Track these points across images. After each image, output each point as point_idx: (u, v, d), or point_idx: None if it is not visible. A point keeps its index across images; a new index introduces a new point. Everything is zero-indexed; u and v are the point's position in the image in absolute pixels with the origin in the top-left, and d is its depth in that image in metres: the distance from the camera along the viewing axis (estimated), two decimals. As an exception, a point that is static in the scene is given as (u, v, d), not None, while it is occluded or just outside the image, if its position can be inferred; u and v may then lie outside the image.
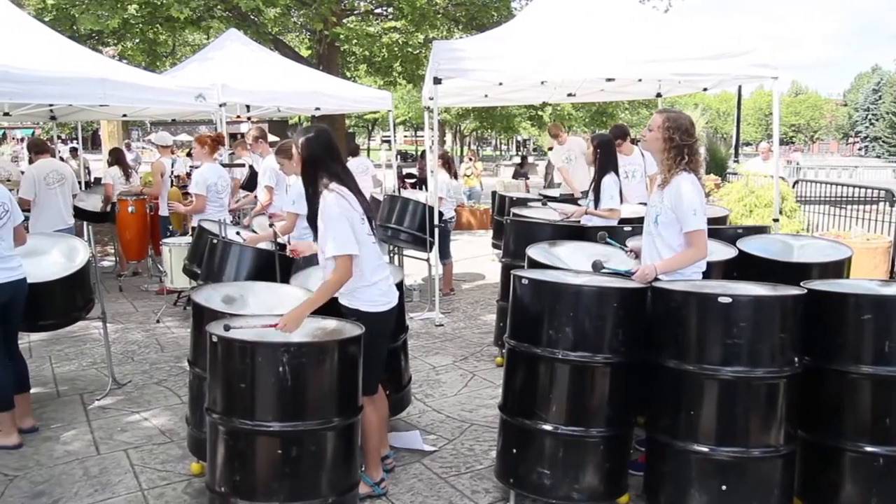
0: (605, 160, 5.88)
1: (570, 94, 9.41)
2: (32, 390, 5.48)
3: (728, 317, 3.34)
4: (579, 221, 6.11)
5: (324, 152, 3.67)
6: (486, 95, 9.77)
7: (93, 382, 5.79)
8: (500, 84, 8.60)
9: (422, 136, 58.41)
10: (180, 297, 8.07)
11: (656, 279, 3.75)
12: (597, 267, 3.66)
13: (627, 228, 5.58)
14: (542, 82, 8.63)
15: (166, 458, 4.43)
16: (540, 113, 23.91)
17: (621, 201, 6.08)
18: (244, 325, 3.32)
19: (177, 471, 4.26)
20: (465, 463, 4.34)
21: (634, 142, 7.87)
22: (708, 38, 7.25)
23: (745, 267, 4.68)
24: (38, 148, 8.35)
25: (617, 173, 6.03)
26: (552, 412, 3.59)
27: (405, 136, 53.89)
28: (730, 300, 3.35)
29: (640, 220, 6.45)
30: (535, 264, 4.62)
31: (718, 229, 5.46)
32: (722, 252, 4.73)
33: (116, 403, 5.34)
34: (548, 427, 3.58)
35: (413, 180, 18.65)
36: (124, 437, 4.75)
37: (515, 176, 18.67)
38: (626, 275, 3.83)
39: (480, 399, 5.35)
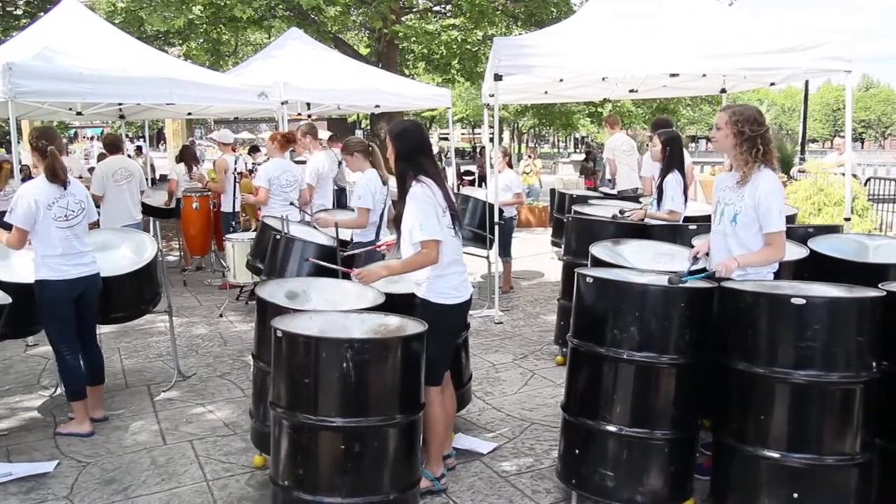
0: (672, 158, 5.73)
1: (631, 91, 9.25)
2: (103, 381, 5.66)
3: (801, 319, 3.23)
4: (643, 219, 5.99)
5: (417, 147, 3.75)
6: (545, 92, 9.68)
7: (159, 374, 5.93)
8: (561, 80, 8.51)
9: (479, 134, 58.37)
10: (242, 291, 8.22)
11: (723, 279, 3.65)
12: (674, 282, 3.56)
13: (693, 227, 5.45)
14: (603, 78, 8.50)
15: (229, 450, 4.51)
16: (599, 110, 23.64)
17: (685, 201, 5.94)
18: (309, 321, 3.36)
19: (240, 463, 4.33)
20: (526, 462, 4.30)
21: None
22: (777, 31, 7.04)
23: (816, 267, 4.53)
24: (112, 146, 8.59)
25: (682, 172, 5.89)
26: (616, 413, 3.53)
27: (462, 134, 53.88)
28: (803, 301, 3.23)
29: (705, 218, 6.33)
30: (598, 263, 4.55)
31: (788, 228, 5.28)
32: (792, 252, 4.58)
33: (181, 395, 5.46)
34: (611, 428, 3.51)
35: (471, 177, 18.60)
36: (189, 429, 4.84)
37: (583, 172, 18.40)
38: (708, 276, 3.73)
39: (541, 398, 5.30)
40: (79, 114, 9.63)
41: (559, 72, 7.43)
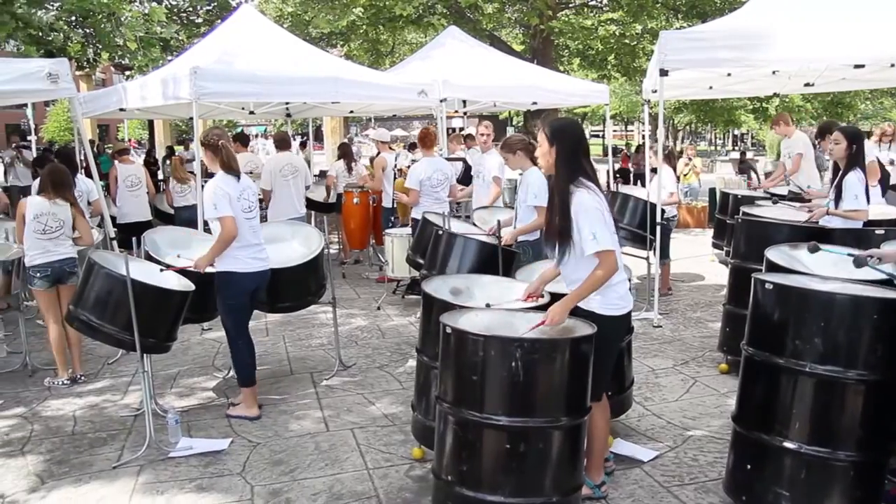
0: (856, 155, 5.32)
1: (807, 84, 8.66)
2: (269, 367, 5.98)
3: None
4: (817, 223, 5.60)
5: (577, 146, 3.56)
6: (710, 87, 9.25)
7: (321, 363, 6.17)
8: (729, 75, 8.10)
9: (631, 131, 56.91)
10: (399, 285, 8.41)
11: None
12: (860, 263, 3.24)
13: (880, 231, 5.03)
14: (774, 72, 8.01)
15: (389, 441, 4.61)
16: (765, 105, 22.40)
17: (868, 201, 5.49)
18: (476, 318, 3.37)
19: (399, 454, 4.41)
20: (689, 473, 4.12)
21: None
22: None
23: None
24: (281, 143, 9.05)
25: (864, 170, 5.45)
26: (794, 429, 3.30)
27: (614, 131, 52.78)
28: None
29: (892, 222, 5.83)
30: (774, 268, 4.28)
31: None
32: None
33: (342, 385, 5.65)
34: (789, 445, 3.29)
35: (626, 176, 18.16)
36: (350, 417, 5.00)
37: (740, 172, 17.55)
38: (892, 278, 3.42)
39: (704, 407, 5.07)
40: (251, 113, 10.22)
41: (733, 65, 7.04)
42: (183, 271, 4.89)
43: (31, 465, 4.38)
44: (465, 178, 8.87)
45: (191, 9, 18.02)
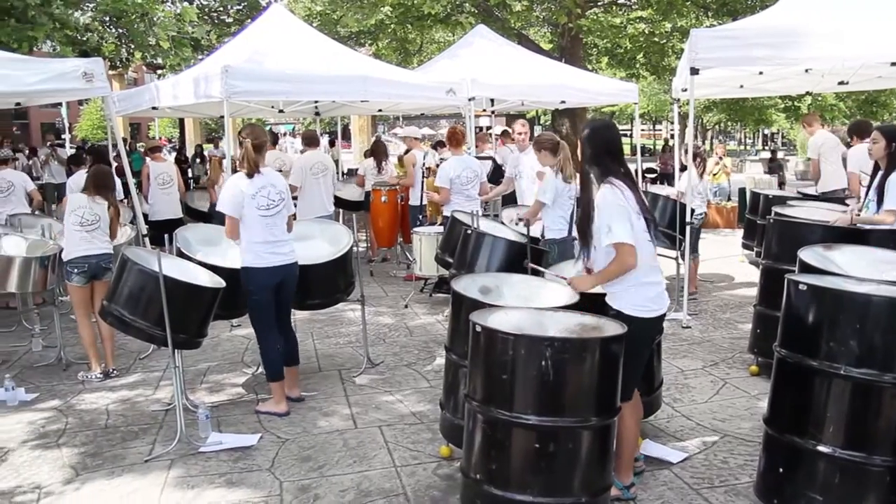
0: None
1: (841, 83, 8.53)
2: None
3: None
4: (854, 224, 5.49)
5: (604, 147, 3.60)
6: (741, 86, 9.14)
7: (349, 360, 6.20)
8: (760, 73, 8.01)
9: (659, 130, 56.43)
10: (427, 283, 8.42)
11: None
12: None
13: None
14: (807, 70, 7.91)
15: (417, 438, 4.62)
16: (797, 104, 22.10)
17: None
18: (505, 317, 3.37)
19: (426, 452, 4.42)
20: (719, 476, 4.08)
21: None
22: None
23: None
24: (309, 141, 9.10)
25: None
26: (828, 432, 3.26)
27: (642, 130, 52.41)
28: None
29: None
30: (807, 269, 4.22)
31: None
32: None
33: (371, 382, 5.67)
34: (823, 448, 3.25)
35: (653, 175, 18.04)
36: (378, 415, 5.02)
37: (769, 172, 17.37)
38: None
39: (734, 409, 5.01)
40: (280, 111, 10.29)
41: (765, 63, 6.96)
42: (213, 268, 4.95)
43: (66, 457, 4.46)
44: (494, 176, 8.85)
45: (221, 8, 18.21)
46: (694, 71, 6.62)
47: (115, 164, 8.71)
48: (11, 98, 7.41)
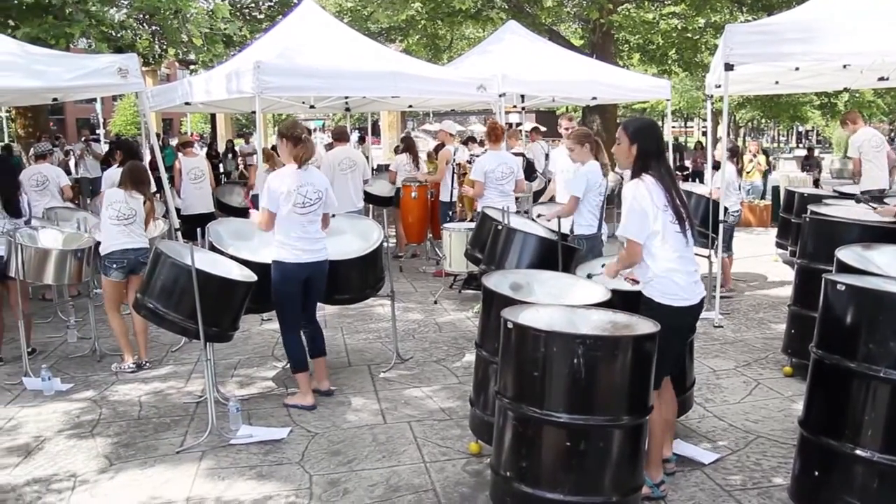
0: None
1: (881, 79, 8.34)
2: (328, 357, 6.02)
3: None
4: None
5: (651, 147, 3.66)
6: (776, 82, 9.01)
7: (378, 355, 6.21)
8: (797, 69, 7.87)
9: (691, 127, 55.83)
10: (456, 280, 8.41)
11: None
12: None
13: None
14: (845, 66, 7.75)
15: (446, 435, 4.61)
16: (833, 100, 21.71)
17: None
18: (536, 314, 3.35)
19: (456, 448, 4.41)
20: (752, 478, 4.02)
21: None
22: None
23: None
24: (339, 136, 9.14)
25: None
26: (867, 436, 3.19)
27: (673, 127, 51.91)
28: None
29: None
30: (845, 269, 4.14)
31: None
32: None
33: (400, 377, 5.68)
34: (861, 453, 3.18)
35: (686, 172, 17.84)
36: (408, 410, 5.02)
37: (804, 169, 17.08)
38: None
39: (767, 410, 4.94)
40: (311, 107, 10.32)
41: (802, 59, 6.83)
42: (245, 262, 4.99)
43: (99, 447, 4.52)
44: (525, 173, 8.81)
45: (253, 4, 18.34)
46: (728, 67, 6.53)
47: (148, 158, 8.84)
48: (49, 93, 7.53)
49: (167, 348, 6.43)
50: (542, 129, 13.47)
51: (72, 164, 15.65)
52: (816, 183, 15.54)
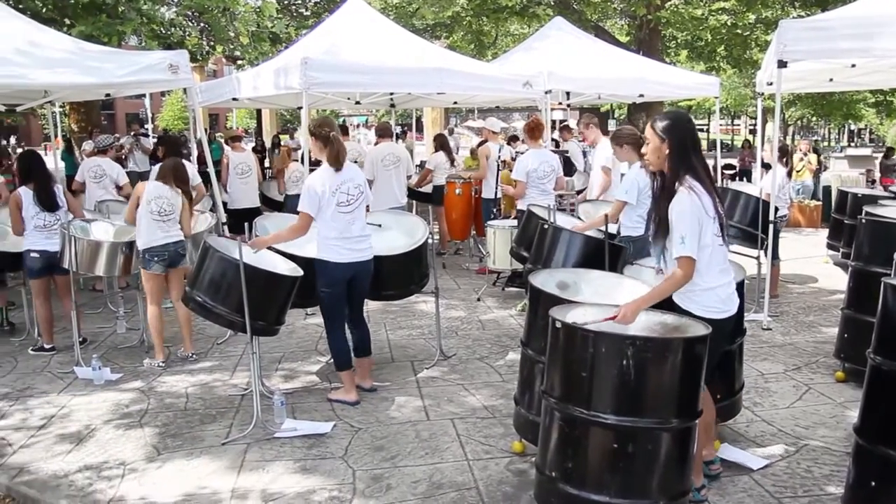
0: None
1: (940, 76, 8.10)
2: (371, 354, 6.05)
3: None
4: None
5: (689, 142, 3.43)
6: (831, 79, 8.77)
7: (421, 352, 6.22)
8: (853, 66, 7.66)
9: (738, 125, 54.86)
10: (499, 277, 8.37)
11: None
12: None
13: None
14: (903, 63, 7.52)
15: (489, 433, 4.59)
16: (889, 98, 21.12)
17: None
18: (583, 313, 3.29)
19: (499, 446, 4.39)
20: (803, 486, 3.92)
21: None
22: None
23: None
24: (383, 132, 9.16)
25: None
26: (927, 445, 3.09)
27: (720, 125, 51.06)
28: None
29: None
30: (904, 272, 4.02)
31: None
32: None
33: (443, 374, 5.67)
34: (922, 463, 3.08)
35: (732, 171, 17.53)
36: (451, 408, 5.01)
37: (885, 172, 16.40)
38: None
39: (818, 416, 4.82)
40: (357, 103, 10.38)
41: (858, 56, 6.64)
42: (291, 257, 5.02)
43: (147, 437, 4.60)
44: (564, 170, 8.73)
45: (299, 1, 18.51)
46: (782, 64, 6.37)
47: (196, 153, 8.95)
48: (103, 89, 7.67)
49: (213, 341, 6.52)
50: (573, 127, 13.37)
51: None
52: (872, 183, 15.13)
